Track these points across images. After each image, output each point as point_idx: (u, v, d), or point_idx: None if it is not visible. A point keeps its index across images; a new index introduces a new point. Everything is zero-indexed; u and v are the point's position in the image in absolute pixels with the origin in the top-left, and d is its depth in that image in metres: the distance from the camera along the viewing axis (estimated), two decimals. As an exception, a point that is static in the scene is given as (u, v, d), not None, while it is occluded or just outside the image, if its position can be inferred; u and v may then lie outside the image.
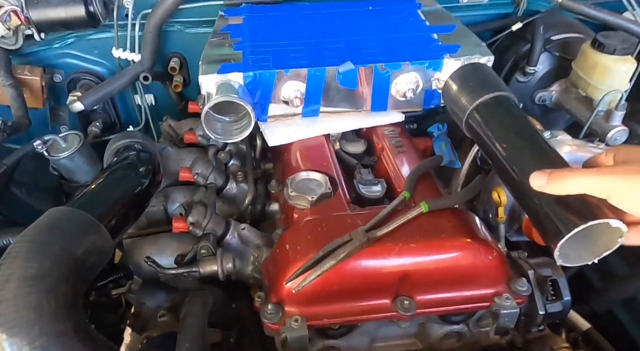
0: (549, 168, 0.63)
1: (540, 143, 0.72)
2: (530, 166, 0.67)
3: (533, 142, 0.73)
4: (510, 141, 0.75)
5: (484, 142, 0.80)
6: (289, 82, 0.94)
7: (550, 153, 0.70)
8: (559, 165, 0.67)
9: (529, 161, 0.69)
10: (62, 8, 1.08)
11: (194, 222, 0.82)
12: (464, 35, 1.02)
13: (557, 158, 0.69)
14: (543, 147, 0.71)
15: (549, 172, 0.61)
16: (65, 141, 1.10)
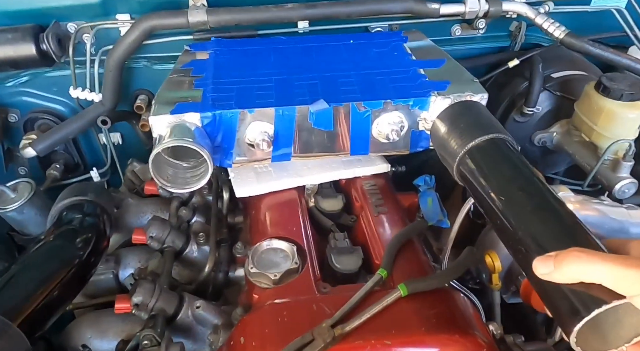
0: (558, 230, 0.52)
1: (546, 197, 0.61)
2: (535, 226, 0.56)
3: (537, 195, 0.62)
4: (510, 193, 0.64)
5: (478, 193, 0.69)
6: (254, 122, 0.82)
7: (558, 209, 0.59)
8: (571, 228, 0.55)
9: (533, 219, 0.58)
10: (10, 46, 0.98)
11: (138, 303, 0.71)
12: (454, 71, 0.91)
13: (567, 218, 0.57)
14: (549, 201, 0.60)
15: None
16: (15, 191, 0.99)
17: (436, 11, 1.06)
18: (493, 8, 1.07)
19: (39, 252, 0.69)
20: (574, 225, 0.56)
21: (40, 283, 0.64)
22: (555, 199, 0.61)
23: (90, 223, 0.78)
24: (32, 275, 0.64)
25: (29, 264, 0.67)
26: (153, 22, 1.00)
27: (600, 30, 1.17)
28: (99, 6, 1.04)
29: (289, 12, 1.03)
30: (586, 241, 0.53)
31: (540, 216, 0.58)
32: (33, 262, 0.67)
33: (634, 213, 0.90)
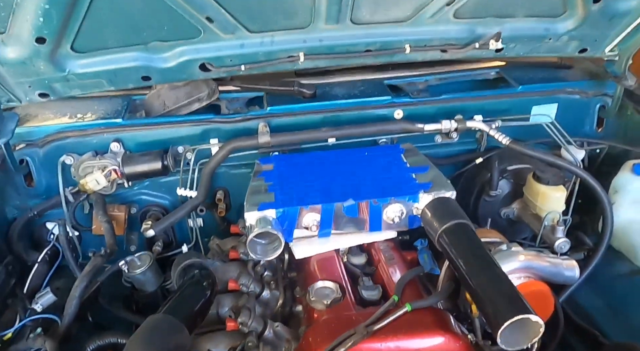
0: (496, 286, 0.97)
1: (490, 267, 1.05)
2: (482, 281, 1.00)
3: (485, 266, 1.06)
4: (468, 260, 1.08)
5: (450, 258, 1.14)
6: (308, 214, 1.31)
7: (500, 277, 1.03)
8: (506, 288, 0.99)
9: (484, 286, 1.01)
10: (145, 164, 1.52)
11: (242, 322, 1.13)
12: (434, 175, 1.40)
13: (505, 283, 1.01)
14: (494, 270, 1.04)
15: None
16: (140, 260, 1.46)
17: (422, 129, 1.59)
18: (460, 125, 1.60)
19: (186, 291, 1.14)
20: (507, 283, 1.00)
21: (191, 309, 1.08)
22: (494, 268, 1.05)
23: (206, 274, 1.24)
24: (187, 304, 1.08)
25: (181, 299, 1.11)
26: (235, 144, 1.54)
27: (538, 137, 1.67)
28: (199, 135, 1.60)
29: (324, 133, 1.57)
30: (515, 294, 0.97)
31: (486, 276, 1.03)
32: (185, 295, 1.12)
33: (566, 263, 1.32)
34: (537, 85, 1.69)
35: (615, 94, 1.67)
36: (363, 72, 1.78)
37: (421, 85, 1.75)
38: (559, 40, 1.54)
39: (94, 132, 1.53)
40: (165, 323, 0.99)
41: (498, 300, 0.98)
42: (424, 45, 1.50)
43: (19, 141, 1.51)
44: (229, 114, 1.62)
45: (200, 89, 1.60)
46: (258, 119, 1.59)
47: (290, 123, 1.61)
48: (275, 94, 1.68)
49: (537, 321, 0.94)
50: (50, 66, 1.30)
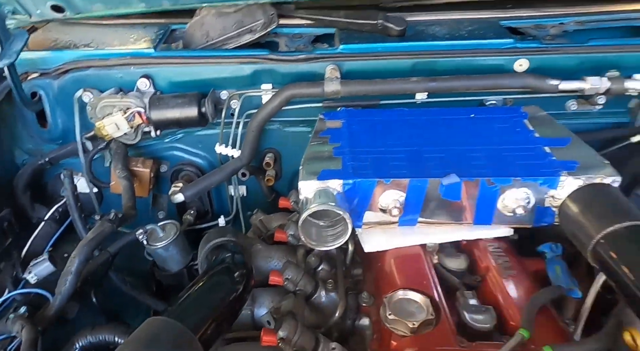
0: None
1: None
2: None
3: None
4: None
5: (616, 275, 0.70)
6: (389, 190, 0.91)
7: None
8: None
9: None
10: (178, 109, 1.18)
11: (284, 337, 0.77)
12: (581, 150, 0.95)
13: None
14: None
15: None
16: (163, 230, 1.13)
17: (555, 87, 1.12)
18: (615, 86, 1.11)
19: (207, 284, 0.79)
20: None
21: (211, 311, 0.73)
22: None
23: (239, 260, 0.88)
24: (206, 302, 0.73)
25: (200, 294, 0.76)
26: (294, 91, 1.16)
27: None
28: (248, 77, 1.23)
29: (414, 84, 1.15)
30: None
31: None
32: (205, 290, 0.77)
33: None
34: None
35: None
36: (473, 7, 1.31)
37: (554, 29, 1.26)
38: None
39: (119, 63, 1.20)
40: (168, 331, 0.65)
41: None
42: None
43: (31, 69, 1.22)
44: (288, 52, 1.23)
45: (255, 17, 1.23)
46: (326, 60, 1.19)
47: (368, 68, 1.20)
48: (351, 30, 1.27)
49: None
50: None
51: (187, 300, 0.73)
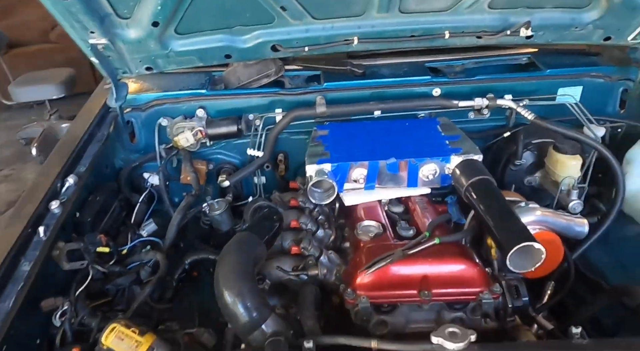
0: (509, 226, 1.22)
1: (506, 209, 1.31)
2: (497, 220, 1.26)
3: (502, 209, 1.32)
4: (488, 206, 1.35)
5: (474, 206, 1.40)
6: (357, 169, 1.60)
7: (512, 216, 1.28)
8: (517, 225, 1.25)
9: (499, 222, 1.28)
10: (224, 127, 1.86)
11: (304, 247, 1.45)
12: (465, 142, 1.65)
13: (516, 221, 1.27)
14: (508, 212, 1.30)
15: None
16: (218, 204, 1.80)
17: (456, 105, 1.84)
18: (491, 102, 1.83)
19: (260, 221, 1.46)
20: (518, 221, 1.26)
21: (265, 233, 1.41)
22: (512, 211, 1.31)
23: (274, 211, 1.56)
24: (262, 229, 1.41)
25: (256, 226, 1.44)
26: (297, 113, 1.85)
27: (563, 116, 1.87)
28: (267, 105, 1.92)
29: (371, 106, 1.86)
30: (523, 228, 1.23)
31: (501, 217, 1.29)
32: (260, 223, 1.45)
33: (577, 220, 1.55)
34: (563, 69, 1.90)
35: (637, 79, 1.84)
36: (407, 55, 2.03)
37: (458, 68, 1.99)
38: (585, 29, 1.75)
39: (184, 100, 1.88)
40: (250, 237, 1.32)
41: (509, 233, 1.25)
42: (461, 32, 1.75)
43: (126, 106, 1.88)
44: (292, 88, 1.93)
45: (269, 67, 1.92)
46: (316, 93, 1.89)
47: (343, 97, 1.90)
48: (330, 73, 1.98)
49: (540, 249, 1.20)
50: (158, 45, 1.65)
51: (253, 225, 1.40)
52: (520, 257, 1.22)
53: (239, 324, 1.17)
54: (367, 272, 1.28)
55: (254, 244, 1.32)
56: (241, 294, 1.17)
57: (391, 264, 1.29)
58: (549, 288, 1.56)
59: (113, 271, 1.48)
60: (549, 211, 1.56)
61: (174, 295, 1.56)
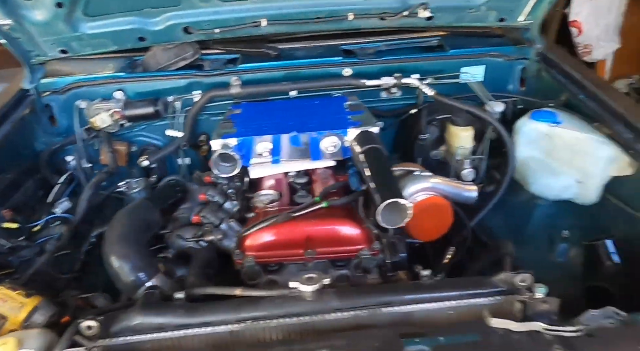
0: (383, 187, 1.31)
1: (386, 174, 1.41)
2: (378, 182, 1.36)
3: (383, 173, 1.42)
4: (372, 170, 1.44)
5: (362, 173, 1.49)
6: (261, 143, 1.67)
7: (388, 178, 1.38)
8: (390, 186, 1.35)
9: (377, 184, 1.37)
10: (141, 108, 1.92)
11: (204, 215, 1.52)
12: (365, 116, 1.75)
13: (391, 183, 1.37)
14: (387, 176, 1.41)
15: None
16: (136, 183, 1.86)
17: (364, 84, 1.94)
18: (397, 81, 1.94)
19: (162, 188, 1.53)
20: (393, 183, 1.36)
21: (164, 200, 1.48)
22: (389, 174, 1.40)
23: (177, 182, 1.64)
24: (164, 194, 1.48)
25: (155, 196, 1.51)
26: (213, 93, 1.92)
27: (467, 93, 1.99)
28: (185, 87, 1.99)
29: (285, 86, 1.94)
30: (395, 188, 1.33)
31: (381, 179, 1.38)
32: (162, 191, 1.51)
33: (467, 186, 1.66)
34: (465, 50, 2.01)
35: (532, 58, 1.97)
36: (324, 39, 2.13)
37: (371, 50, 2.08)
38: (479, 11, 1.86)
39: (102, 83, 1.93)
40: (142, 205, 1.39)
41: (382, 191, 1.34)
42: (364, 14, 1.85)
43: (45, 89, 1.93)
44: (208, 70, 2.00)
45: (186, 50, 1.99)
46: (232, 74, 1.97)
47: (258, 78, 1.98)
48: (248, 56, 2.05)
49: (405, 205, 1.29)
50: (67, 27, 1.70)
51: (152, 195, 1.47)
52: (391, 213, 1.31)
53: (124, 283, 1.23)
54: (250, 232, 1.36)
55: (145, 211, 1.39)
56: (125, 256, 1.24)
57: (275, 225, 1.37)
58: (449, 252, 1.67)
59: (20, 245, 1.52)
60: (441, 178, 1.66)
61: (83, 267, 1.61)
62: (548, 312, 1.00)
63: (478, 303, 1.08)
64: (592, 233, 1.54)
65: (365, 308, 1.08)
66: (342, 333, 1.03)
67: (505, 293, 1.08)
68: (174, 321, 1.05)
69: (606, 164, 1.51)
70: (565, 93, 1.79)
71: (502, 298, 1.07)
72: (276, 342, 1.03)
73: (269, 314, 1.08)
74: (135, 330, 1.03)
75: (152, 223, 1.40)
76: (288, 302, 1.09)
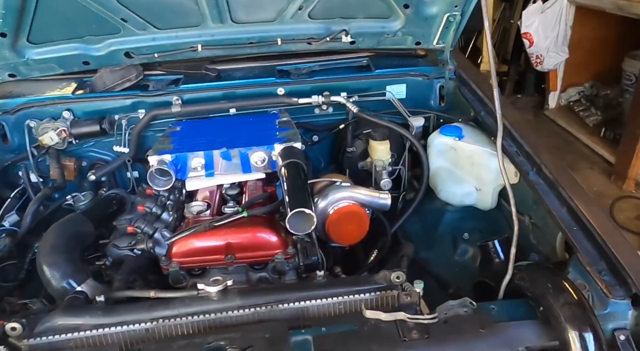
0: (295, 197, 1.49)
1: (300, 186, 1.58)
2: (292, 193, 1.52)
3: (298, 185, 1.59)
4: (289, 182, 1.61)
5: (282, 183, 1.67)
6: (195, 158, 1.84)
7: (301, 190, 1.55)
8: (301, 197, 1.52)
9: (291, 195, 1.54)
10: (87, 127, 2.06)
11: (137, 225, 1.67)
12: (292, 133, 1.92)
13: (303, 194, 1.54)
14: (301, 188, 1.57)
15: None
16: (84, 196, 2.00)
17: (296, 102, 2.12)
18: (325, 99, 2.12)
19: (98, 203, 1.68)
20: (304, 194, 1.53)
21: (98, 214, 1.63)
22: (302, 187, 1.57)
23: (116, 196, 1.78)
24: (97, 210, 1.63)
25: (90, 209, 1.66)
26: (155, 112, 2.08)
27: (389, 108, 2.18)
28: (130, 106, 2.14)
29: (222, 105, 2.11)
30: (306, 199, 1.50)
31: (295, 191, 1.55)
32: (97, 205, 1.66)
33: (381, 195, 1.84)
34: (389, 70, 2.21)
35: (447, 76, 2.18)
36: (262, 60, 2.30)
37: (305, 70, 2.27)
38: (396, 35, 2.06)
39: (50, 103, 2.08)
40: (75, 217, 1.54)
41: (292, 201, 1.51)
42: (292, 39, 2.03)
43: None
44: (152, 90, 2.16)
45: (131, 72, 2.15)
46: (173, 94, 2.13)
47: (199, 97, 2.15)
48: (190, 76, 2.22)
49: (310, 214, 1.47)
50: (13, 53, 1.85)
51: (87, 207, 1.62)
52: (299, 221, 1.48)
53: (54, 289, 1.38)
54: (174, 240, 1.52)
55: (77, 223, 1.54)
56: (55, 264, 1.39)
57: (197, 233, 1.53)
58: (372, 254, 1.86)
59: (-35, 257, 1.66)
60: (357, 188, 1.85)
61: (28, 276, 1.75)
62: (412, 303, 1.18)
63: (361, 298, 1.25)
64: (489, 235, 1.73)
65: (263, 306, 1.24)
66: (238, 327, 1.19)
67: (383, 289, 1.26)
68: (92, 321, 1.20)
69: (497, 174, 1.71)
70: (472, 110, 2.00)
71: (379, 294, 1.25)
72: (181, 337, 1.18)
73: (180, 312, 1.23)
74: (57, 330, 1.17)
75: (84, 235, 1.55)
76: (196, 302, 1.25)
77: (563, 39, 4.75)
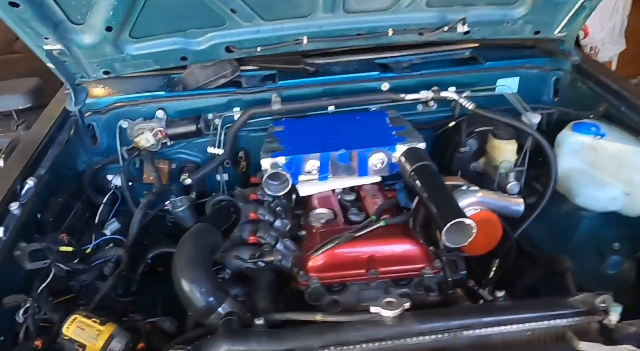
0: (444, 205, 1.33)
1: (443, 191, 1.42)
2: (435, 201, 1.37)
3: (439, 191, 1.44)
4: (427, 188, 1.46)
5: (416, 189, 1.51)
6: (310, 161, 1.69)
7: (448, 197, 1.39)
8: (451, 204, 1.36)
9: (436, 202, 1.39)
10: (184, 127, 1.92)
11: (260, 236, 1.53)
12: (410, 131, 1.77)
13: (451, 201, 1.38)
14: (445, 193, 1.42)
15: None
16: (181, 201, 1.87)
17: (403, 98, 1.96)
18: (435, 95, 1.95)
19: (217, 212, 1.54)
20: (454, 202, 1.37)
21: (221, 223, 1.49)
22: (448, 193, 1.42)
23: (231, 204, 1.64)
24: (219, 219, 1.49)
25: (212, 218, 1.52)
26: (254, 110, 1.93)
27: (504, 105, 2.01)
28: (225, 104, 2.00)
29: (324, 102, 1.96)
30: (456, 207, 1.34)
31: (438, 198, 1.40)
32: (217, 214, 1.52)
33: (514, 199, 1.68)
34: (501, 62, 2.04)
35: (566, 69, 2.00)
36: (358, 53, 2.14)
37: (406, 63, 2.10)
38: (516, 24, 1.89)
39: (143, 102, 1.94)
40: (205, 228, 1.41)
41: (444, 211, 1.36)
42: (403, 29, 1.87)
43: (87, 110, 1.93)
44: (248, 87, 2.01)
45: (225, 68, 2.00)
46: (271, 91, 1.98)
47: (297, 94, 1.99)
48: (285, 72, 2.07)
49: (470, 224, 1.32)
50: (113, 49, 1.71)
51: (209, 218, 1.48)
52: (455, 233, 1.33)
53: (196, 308, 1.25)
54: (316, 254, 1.37)
55: (209, 234, 1.41)
56: (197, 280, 1.25)
57: (339, 246, 1.39)
58: (494, 265, 1.70)
59: (76, 269, 1.53)
60: (488, 192, 1.69)
61: (138, 289, 1.62)
62: (636, 335, 1.03)
63: (557, 324, 1.10)
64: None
65: (445, 332, 1.10)
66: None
67: (583, 314, 1.10)
68: (259, 348, 1.07)
69: (654, 176, 1.55)
70: (604, 104, 1.82)
71: (581, 319, 1.09)
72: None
73: (351, 339, 1.09)
74: (222, 358, 1.04)
75: (215, 246, 1.42)
76: (369, 327, 1.11)
77: (619, 30, 4.54)
